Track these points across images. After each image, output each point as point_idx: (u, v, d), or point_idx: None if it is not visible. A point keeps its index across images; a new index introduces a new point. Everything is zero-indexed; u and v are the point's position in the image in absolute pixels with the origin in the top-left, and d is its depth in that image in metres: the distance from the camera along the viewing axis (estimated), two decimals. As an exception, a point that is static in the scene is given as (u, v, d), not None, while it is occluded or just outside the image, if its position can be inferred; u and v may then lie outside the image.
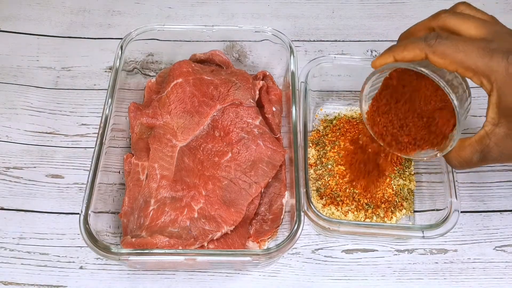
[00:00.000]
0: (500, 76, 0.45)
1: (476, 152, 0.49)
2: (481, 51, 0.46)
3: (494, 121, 0.47)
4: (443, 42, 0.47)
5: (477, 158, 0.49)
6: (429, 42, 0.47)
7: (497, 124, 0.47)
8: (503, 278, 0.62)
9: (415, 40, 0.48)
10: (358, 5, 0.90)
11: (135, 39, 0.71)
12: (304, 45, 0.84)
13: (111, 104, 0.64)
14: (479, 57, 0.46)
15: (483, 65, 0.46)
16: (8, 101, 0.76)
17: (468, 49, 0.46)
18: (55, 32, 0.86)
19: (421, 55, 0.48)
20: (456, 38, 0.47)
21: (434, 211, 0.63)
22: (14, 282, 0.61)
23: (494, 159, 0.49)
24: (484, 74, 0.46)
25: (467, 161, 0.50)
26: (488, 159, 0.49)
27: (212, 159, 0.64)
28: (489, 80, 0.46)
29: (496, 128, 0.47)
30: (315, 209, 0.57)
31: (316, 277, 0.62)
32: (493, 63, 0.45)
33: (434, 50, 0.47)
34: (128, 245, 0.56)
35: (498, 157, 0.49)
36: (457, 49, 0.46)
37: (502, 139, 0.47)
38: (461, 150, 0.50)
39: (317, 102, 0.74)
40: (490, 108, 0.47)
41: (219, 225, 0.58)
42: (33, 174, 0.69)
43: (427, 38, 0.47)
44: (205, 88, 0.68)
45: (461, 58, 0.46)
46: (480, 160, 0.49)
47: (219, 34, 0.74)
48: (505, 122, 0.47)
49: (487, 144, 0.48)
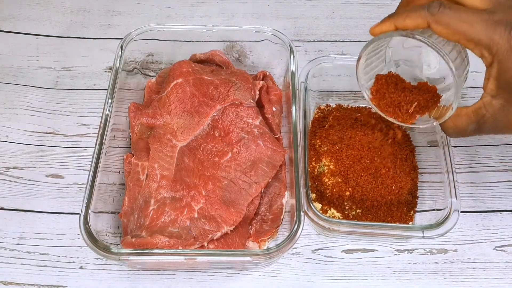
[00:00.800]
0: (501, 49, 0.45)
1: (472, 122, 0.50)
2: (484, 23, 0.46)
3: (492, 93, 0.48)
4: (446, 11, 0.47)
5: (472, 128, 0.50)
6: (432, 11, 0.47)
7: (495, 95, 0.48)
8: (503, 278, 0.62)
9: (418, 9, 0.48)
10: (358, 5, 0.90)
11: (135, 39, 0.71)
12: (304, 45, 0.84)
13: (111, 104, 0.64)
14: (481, 29, 0.46)
15: (485, 36, 0.46)
16: (8, 101, 0.76)
17: (471, 20, 0.46)
18: (55, 32, 0.86)
19: (423, 24, 0.48)
20: (459, 8, 0.47)
21: (434, 211, 0.63)
22: (14, 282, 0.61)
23: (489, 130, 0.50)
24: (485, 46, 0.46)
25: (462, 130, 0.51)
26: (483, 129, 0.50)
27: (212, 159, 0.64)
28: (490, 52, 0.46)
29: (493, 100, 0.48)
30: (315, 209, 0.58)
31: (316, 277, 0.62)
32: (496, 35, 0.45)
33: (436, 19, 0.47)
34: (128, 245, 0.56)
35: (492, 128, 0.50)
36: (460, 19, 0.46)
37: (498, 110, 0.48)
38: (457, 119, 0.51)
39: (317, 102, 0.74)
40: (490, 80, 0.48)
41: (219, 225, 0.58)
42: (33, 174, 0.69)
43: (430, 7, 0.47)
44: (205, 88, 0.68)
45: (464, 28, 0.46)
46: (475, 130, 0.50)
47: (219, 34, 0.74)
48: (502, 94, 0.47)
49: (483, 115, 0.49)
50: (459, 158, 0.71)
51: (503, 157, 0.71)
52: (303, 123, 0.64)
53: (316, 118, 0.73)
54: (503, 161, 0.71)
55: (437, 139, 0.65)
